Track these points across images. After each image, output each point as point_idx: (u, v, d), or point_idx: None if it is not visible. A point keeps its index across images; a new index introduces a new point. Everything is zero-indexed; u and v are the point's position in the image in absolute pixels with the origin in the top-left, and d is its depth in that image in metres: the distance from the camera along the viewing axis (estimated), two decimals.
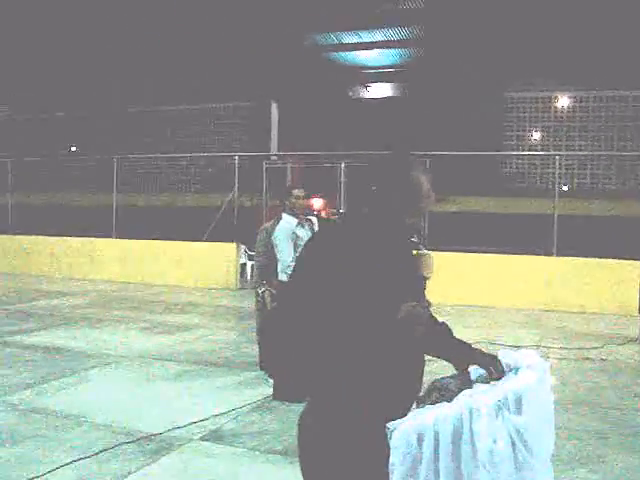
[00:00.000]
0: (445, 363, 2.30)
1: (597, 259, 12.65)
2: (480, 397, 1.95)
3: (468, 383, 2.12)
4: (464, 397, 1.97)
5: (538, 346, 9.40)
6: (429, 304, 2.24)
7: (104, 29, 19.26)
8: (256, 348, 7.40)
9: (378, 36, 18.59)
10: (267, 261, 7.04)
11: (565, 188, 18.77)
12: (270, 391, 6.54)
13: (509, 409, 1.92)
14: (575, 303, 12.59)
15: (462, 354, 2.25)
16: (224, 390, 6.86)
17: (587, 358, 8.75)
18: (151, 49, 19.87)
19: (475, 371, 2.23)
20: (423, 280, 2.37)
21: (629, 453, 5.24)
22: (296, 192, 6.98)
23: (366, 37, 18.76)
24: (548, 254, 13.27)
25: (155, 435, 5.36)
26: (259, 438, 5.32)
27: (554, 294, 12.74)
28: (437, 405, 1.99)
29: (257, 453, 4.99)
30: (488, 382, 2.07)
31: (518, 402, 1.93)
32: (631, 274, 11.69)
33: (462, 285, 13.11)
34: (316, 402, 2.14)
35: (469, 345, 2.31)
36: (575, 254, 12.94)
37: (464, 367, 2.22)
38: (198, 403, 6.33)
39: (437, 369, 2.49)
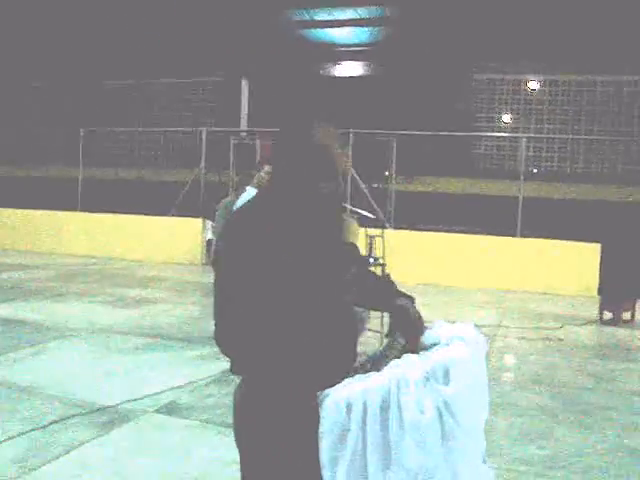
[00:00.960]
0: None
1: (559, 241, 12.79)
2: (409, 368, 1.96)
3: (400, 354, 2.12)
4: (394, 368, 1.98)
5: (499, 325, 9.51)
6: (388, 276, 2.25)
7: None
8: None
9: (350, 14, 18.51)
10: None
11: (535, 171, 18.91)
12: (227, 365, 6.54)
13: (437, 380, 1.94)
14: (537, 284, 12.73)
15: (386, 304, 2.29)
16: (183, 364, 6.86)
17: (545, 338, 8.87)
18: (122, 22, 19.61)
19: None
20: (352, 247, 2.36)
21: (578, 430, 5.33)
22: (267, 168, 6.94)
23: (338, 15, 18.67)
24: (513, 235, 13.39)
25: (109, 407, 5.34)
26: (213, 411, 5.33)
27: (517, 275, 12.87)
28: (368, 375, 2.00)
29: (210, 426, 5.00)
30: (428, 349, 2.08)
31: (446, 373, 1.94)
32: (592, 256, 11.85)
33: (426, 264, 13.20)
34: (249, 374, 2.14)
35: (395, 295, 2.31)
36: (539, 236, 13.07)
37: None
38: (155, 376, 6.32)
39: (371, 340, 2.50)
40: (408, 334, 2.19)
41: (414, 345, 2.17)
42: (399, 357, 2.06)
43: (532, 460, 4.69)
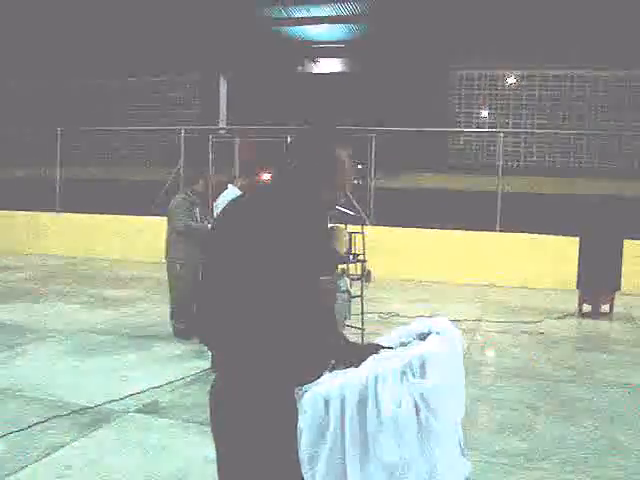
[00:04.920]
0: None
1: (538, 235, 12.89)
2: (386, 362, 1.97)
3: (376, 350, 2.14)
4: (371, 362, 1.99)
5: (479, 320, 9.56)
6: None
7: None
8: None
9: (327, 11, 18.48)
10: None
11: (514, 166, 18.98)
12: (208, 364, 6.56)
13: (414, 374, 1.95)
14: (516, 278, 12.81)
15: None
16: (163, 363, 6.85)
17: (525, 332, 8.93)
18: (101, 20, 19.47)
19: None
20: (336, 254, 2.41)
21: (558, 423, 5.38)
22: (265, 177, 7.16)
23: (315, 12, 18.63)
24: (492, 230, 13.46)
25: (90, 408, 5.32)
26: (193, 410, 5.32)
27: (497, 269, 12.94)
28: (346, 370, 2.01)
29: (190, 425, 5.00)
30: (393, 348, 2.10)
31: (423, 367, 1.95)
32: (571, 250, 11.91)
33: (406, 260, 13.24)
34: (229, 368, 2.15)
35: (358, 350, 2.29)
36: (518, 231, 13.14)
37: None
38: (136, 376, 6.30)
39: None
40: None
41: None
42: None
43: (513, 452, 4.72)
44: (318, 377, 2.03)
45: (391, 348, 2.16)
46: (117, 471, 4.24)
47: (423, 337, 2.17)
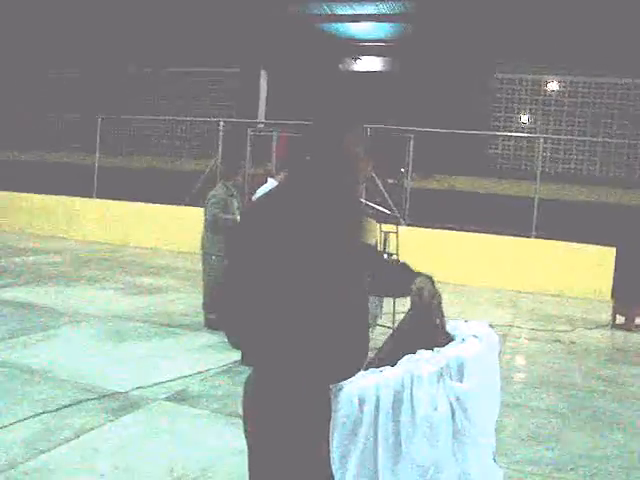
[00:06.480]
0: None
1: (574, 243, 12.73)
2: (423, 363, 1.96)
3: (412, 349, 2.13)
4: (407, 362, 1.98)
5: (511, 326, 9.48)
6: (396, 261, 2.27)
7: None
8: None
9: (370, 9, 18.45)
10: None
11: (551, 172, 18.81)
12: (238, 355, 6.59)
13: (451, 376, 1.94)
14: (551, 286, 12.68)
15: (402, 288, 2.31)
16: (193, 353, 6.89)
17: (557, 340, 8.83)
18: (144, 10, 19.65)
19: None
20: (369, 246, 2.39)
21: (586, 434, 5.32)
22: (282, 175, 7.16)
23: (359, 9, 18.62)
24: (528, 236, 13.33)
25: (120, 393, 5.37)
26: (223, 401, 5.35)
27: (531, 276, 12.82)
28: (381, 369, 2.00)
29: (219, 415, 5.02)
30: (432, 349, 2.08)
31: (460, 370, 1.94)
32: (607, 260, 11.78)
33: (439, 262, 13.13)
34: (262, 366, 2.15)
35: (411, 277, 2.35)
36: (554, 238, 13.01)
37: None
38: (166, 364, 6.35)
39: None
40: (423, 314, 2.20)
41: (430, 321, 2.19)
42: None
43: (540, 461, 4.68)
44: (353, 375, 2.02)
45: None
46: (144, 457, 4.27)
47: (462, 339, 2.15)
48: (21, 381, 5.55)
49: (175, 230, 15.07)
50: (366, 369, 2.05)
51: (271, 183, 6.97)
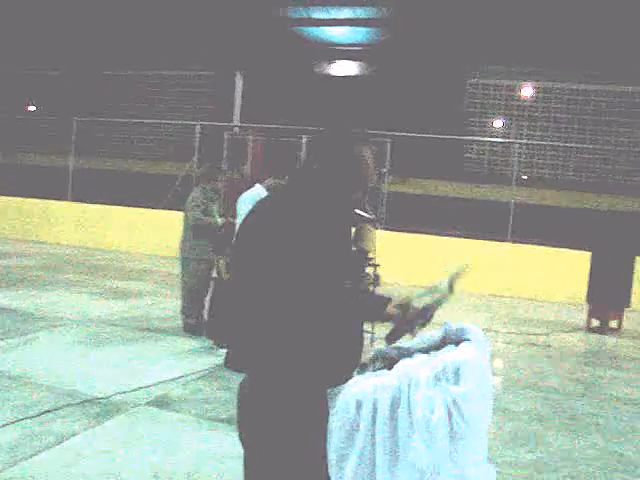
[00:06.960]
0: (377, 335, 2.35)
1: (549, 248, 12.87)
2: (419, 367, 1.98)
3: (408, 353, 2.15)
4: (404, 367, 2.00)
5: (487, 330, 9.55)
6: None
7: None
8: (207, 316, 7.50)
9: (347, 13, 18.53)
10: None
11: (525, 177, 18.98)
12: (219, 360, 6.60)
13: (447, 380, 1.96)
14: (526, 290, 12.80)
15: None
16: (173, 357, 6.86)
17: (533, 344, 8.92)
18: (121, 14, 19.55)
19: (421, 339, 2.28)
20: (364, 253, 2.42)
21: (566, 435, 5.38)
22: (269, 180, 7.09)
23: (335, 13, 18.68)
24: (503, 240, 13.44)
25: (101, 399, 5.34)
26: (205, 405, 5.33)
27: (506, 280, 12.93)
28: (378, 373, 2.02)
29: (201, 420, 5.01)
30: (428, 352, 2.11)
31: (456, 373, 1.96)
32: (582, 264, 11.90)
33: (415, 266, 13.23)
34: (257, 370, 2.15)
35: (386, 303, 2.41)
36: (529, 242, 13.13)
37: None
38: (146, 369, 6.32)
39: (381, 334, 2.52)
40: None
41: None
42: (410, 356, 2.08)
43: (521, 464, 4.72)
44: (347, 378, 2.04)
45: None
46: (127, 463, 4.25)
47: (453, 342, 2.18)
48: (0, 387, 5.49)
49: (152, 233, 15.01)
50: (364, 372, 2.06)
51: (258, 188, 6.90)
